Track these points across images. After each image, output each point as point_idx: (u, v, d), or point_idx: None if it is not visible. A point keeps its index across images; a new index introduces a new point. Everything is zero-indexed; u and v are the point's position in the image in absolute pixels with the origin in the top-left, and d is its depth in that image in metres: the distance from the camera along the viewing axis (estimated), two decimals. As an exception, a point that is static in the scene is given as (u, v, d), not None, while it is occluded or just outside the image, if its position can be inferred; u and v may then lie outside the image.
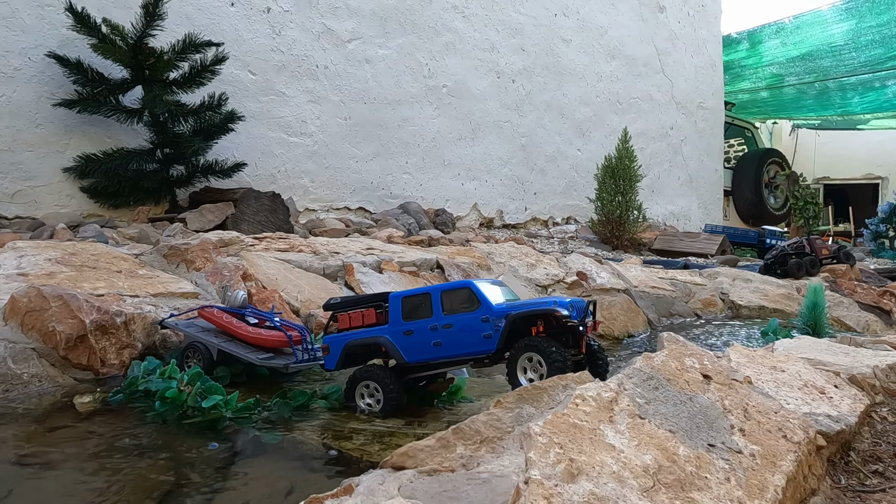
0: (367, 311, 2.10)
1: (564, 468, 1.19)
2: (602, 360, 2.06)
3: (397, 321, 2.03)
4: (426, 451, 1.20)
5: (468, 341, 1.93)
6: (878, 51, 11.46)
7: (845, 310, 5.77)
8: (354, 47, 6.81)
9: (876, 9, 10.67)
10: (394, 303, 2.05)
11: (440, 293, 1.99)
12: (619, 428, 1.36)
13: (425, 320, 1.98)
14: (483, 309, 1.93)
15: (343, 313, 2.15)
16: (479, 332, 1.92)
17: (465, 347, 1.94)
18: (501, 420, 1.34)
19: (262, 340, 2.38)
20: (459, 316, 1.94)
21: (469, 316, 1.93)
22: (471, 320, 1.93)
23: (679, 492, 1.24)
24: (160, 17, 4.79)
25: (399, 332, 2.01)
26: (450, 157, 7.84)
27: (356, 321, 2.11)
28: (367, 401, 2.07)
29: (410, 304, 2.02)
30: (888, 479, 1.77)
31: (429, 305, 1.99)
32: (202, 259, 3.28)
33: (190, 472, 1.68)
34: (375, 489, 1.08)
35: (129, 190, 5.07)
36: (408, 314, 2.02)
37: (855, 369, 2.60)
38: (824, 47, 12.00)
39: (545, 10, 9.04)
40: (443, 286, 2.02)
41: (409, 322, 2.01)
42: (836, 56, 12.09)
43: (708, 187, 12.65)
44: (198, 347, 2.37)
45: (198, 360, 2.37)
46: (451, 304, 1.96)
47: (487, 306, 1.92)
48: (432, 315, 1.98)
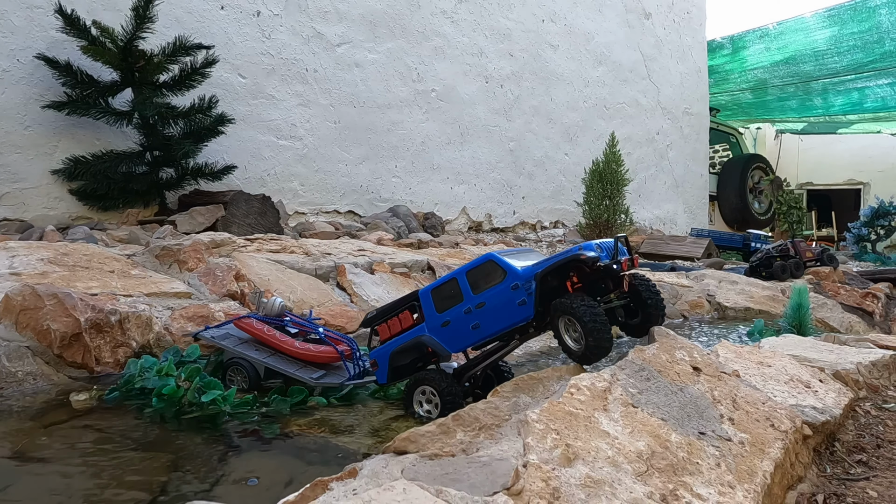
0: (403, 315, 2.03)
1: (561, 453, 1.23)
2: (653, 299, 1.91)
3: (432, 315, 1.95)
4: (427, 436, 1.23)
5: (504, 314, 1.83)
6: (859, 55, 11.68)
7: (829, 311, 5.86)
8: (344, 51, 6.84)
9: (857, 17, 10.88)
10: (424, 298, 1.97)
11: (465, 274, 1.89)
12: (612, 416, 1.40)
13: (458, 306, 1.89)
14: (510, 277, 1.81)
15: (381, 324, 2.08)
16: (513, 301, 1.80)
17: (503, 321, 1.84)
18: (499, 408, 1.37)
19: (312, 356, 2.22)
20: (489, 291, 1.84)
21: (498, 288, 1.83)
22: (501, 292, 1.82)
23: (672, 476, 1.28)
24: (150, 20, 4.79)
25: (436, 325, 1.93)
26: (439, 161, 7.88)
27: (395, 328, 2.04)
28: (425, 407, 1.98)
29: (440, 294, 1.94)
30: (871, 468, 1.82)
31: (458, 290, 1.89)
32: (194, 260, 3.29)
33: (188, 467, 1.70)
34: (379, 472, 1.11)
35: (118, 192, 5.06)
36: (440, 305, 1.93)
37: (839, 365, 2.66)
38: (807, 52, 12.22)
39: (533, 15, 9.12)
40: (466, 266, 1.91)
41: (443, 313, 1.92)
42: (819, 60, 12.31)
43: (694, 192, 12.79)
44: (242, 365, 2.21)
45: (243, 377, 2.22)
46: (478, 282, 1.87)
47: (514, 273, 1.81)
48: (463, 298, 1.88)
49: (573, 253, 1.72)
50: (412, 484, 1.03)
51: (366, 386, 2.28)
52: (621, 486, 1.20)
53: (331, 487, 1.07)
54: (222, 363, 2.31)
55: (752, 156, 15.96)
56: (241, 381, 2.23)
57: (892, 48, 11.11)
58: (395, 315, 2.04)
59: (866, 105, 13.77)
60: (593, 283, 1.81)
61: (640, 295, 1.91)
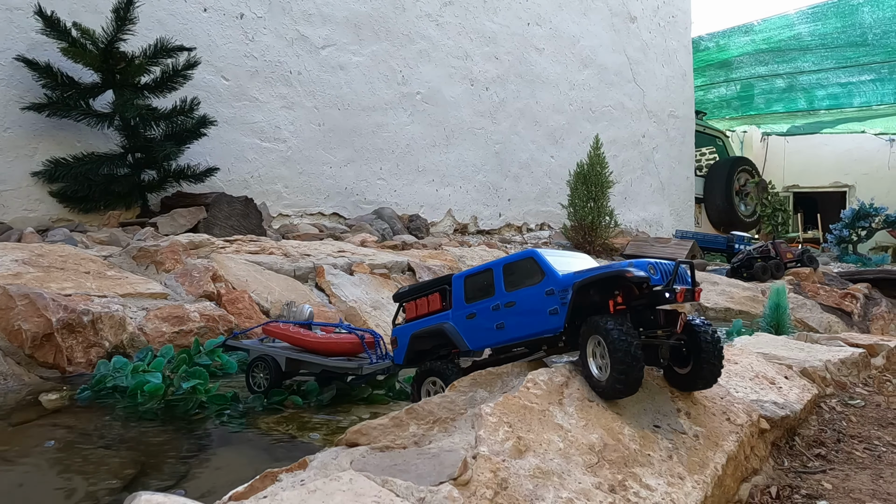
0: (433, 297, 1.90)
1: (513, 445, 1.25)
2: (712, 349, 1.57)
3: (460, 304, 1.80)
4: (379, 429, 1.25)
5: (532, 320, 1.63)
6: (843, 48, 11.85)
7: (808, 311, 5.93)
8: (328, 54, 6.86)
9: (840, 12, 11.06)
10: (456, 284, 1.83)
11: (502, 267, 1.73)
12: (567, 410, 1.42)
13: (487, 300, 1.73)
14: (548, 280, 1.61)
15: (410, 302, 1.97)
16: (544, 307, 1.60)
17: (530, 327, 1.64)
18: (455, 402, 1.39)
19: (333, 345, 2.25)
20: (522, 291, 1.66)
21: (532, 290, 1.64)
22: (534, 295, 1.63)
23: (622, 467, 1.31)
24: (131, 22, 4.79)
25: (462, 316, 1.79)
26: (424, 164, 7.91)
27: (422, 309, 1.92)
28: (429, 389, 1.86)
29: (473, 283, 1.79)
30: (829, 461, 1.86)
31: (491, 283, 1.74)
32: (172, 261, 3.29)
33: (156, 461, 1.71)
34: (328, 463, 1.13)
35: (99, 194, 5.04)
36: (470, 295, 1.78)
37: (807, 363, 2.71)
38: (792, 44, 12.39)
39: (518, 19, 9.17)
40: (506, 259, 1.74)
41: (471, 304, 1.77)
42: (803, 52, 12.47)
43: (679, 194, 12.87)
44: (265, 360, 2.24)
45: (265, 373, 2.23)
46: (514, 279, 1.69)
47: (552, 276, 1.61)
48: (495, 293, 1.72)
49: (619, 268, 1.49)
50: (359, 474, 1.05)
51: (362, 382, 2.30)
52: (570, 477, 1.23)
53: (280, 479, 1.09)
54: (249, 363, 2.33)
55: (737, 158, 16.08)
56: (262, 377, 2.23)
57: (874, 42, 11.25)
58: (425, 295, 1.92)
59: (851, 100, 13.94)
60: (641, 311, 1.55)
61: (696, 339, 1.58)
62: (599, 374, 1.47)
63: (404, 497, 1.00)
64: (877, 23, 10.87)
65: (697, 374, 1.60)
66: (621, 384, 1.41)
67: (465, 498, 1.07)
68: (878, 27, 10.90)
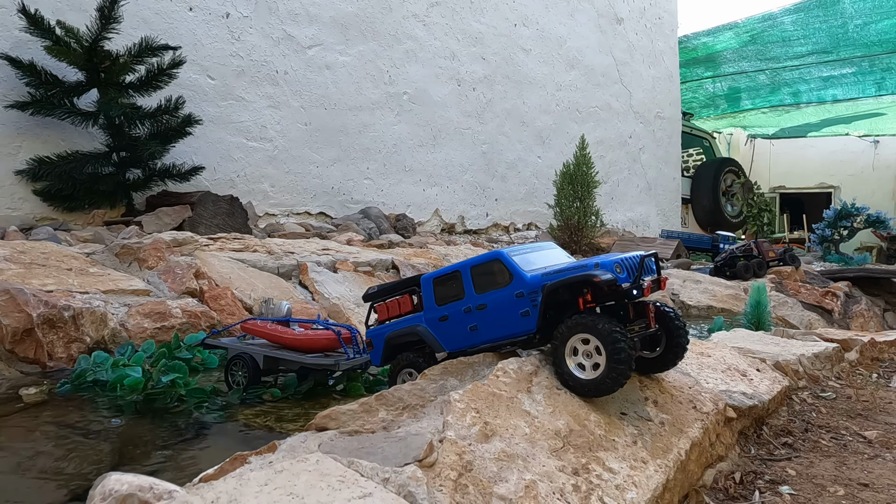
0: (403, 299, 1.89)
1: (479, 430, 1.28)
2: (680, 331, 1.65)
3: (431, 306, 1.79)
4: (348, 414, 1.28)
5: (504, 322, 1.64)
6: (824, 39, 12.00)
7: (789, 309, 6.01)
8: (315, 53, 6.88)
9: (822, 2, 11.21)
10: (425, 286, 1.81)
11: (469, 269, 1.71)
12: (535, 397, 1.46)
13: (458, 302, 1.72)
14: (516, 282, 1.62)
15: (381, 303, 1.95)
16: (515, 310, 1.61)
17: (502, 330, 1.65)
18: (425, 390, 1.42)
19: (310, 341, 2.24)
20: (492, 294, 1.66)
21: (501, 293, 1.64)
22: (504, 297, 1.63)
23: (587, 451, 1.35)
24: (116, 21, 4.79)
25: (434, 318, 1.77)
26: (411, 164, 7.94)
27: (393, 311, 1.91)
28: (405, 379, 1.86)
29: (442, 285, 1.77)
30: (796, 450, 1.90)
31: (460, 285, 1.72)
32: (155, 258, 3.30)
33: (134, 452, 1.73)
34: (297, 446, 1.16)
35: (83, 193, 5.03)
36: (441, 297, 1.77)
37: (781, 357, 2.76)
38: (774, 35, 12.54)
39: (505, 20, 9.22)
40: (473, 260, 1.73)
41: (443, 306, 1.75)
42: (786, 43, 12.62)
43: (666, 194, 12.97)
44: (243, 357, 2.24)
45: (244, 371, 2.23)
46: (482, 281, 1.68)
47: (520, 279, 1.61)
48: (465, 296, 1.71)
49: (585, 272, 1.51)
50: (326, 456, 1.08)
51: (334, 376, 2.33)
52: (535, 461, 1.26)
53: (249, 461, 1.12)
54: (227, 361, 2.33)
55: (724, 159, 16.23)
56: (241, 375, 2.24)
57: (854, 35, 11.38)
58: (395, 297, 1.92)
59: (834, 92, 14.10)
60: (610, 306, 1.59)
61: (666, 324, 1.65)
62: (582, 373, 1.48)
63: (369, 477, 1.04)
64: (857, 13, 11.01)
65: (667, 357, 1.67)
66: (615, 379, 1.43)
67: (430, 478, 1.10)
68: (859, 17, 11.03)
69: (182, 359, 2.40)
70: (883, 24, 11.12)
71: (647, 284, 1.55)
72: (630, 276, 1.54)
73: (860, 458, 1.86)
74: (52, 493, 1.46)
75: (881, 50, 11.81)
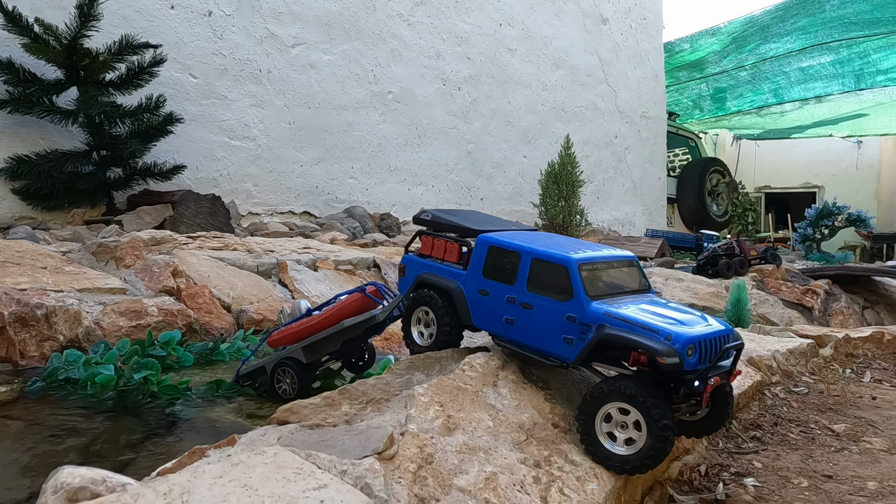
0: (451, 245, 1.69)
1: (442, 423, 1.29)
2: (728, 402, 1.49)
3: (476, 273, 1.59)
4: (310, 408, 1.28)
5: (543, 336, 1.46)
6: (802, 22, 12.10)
7: (770, 307, 6.06)
8: (298, 52, 6.86)
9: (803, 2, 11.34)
10: (479, 248, 1.60)
11: (532, 259, 1.49)
12: (501, 391, 1.47)
13: (505, 286, 1.53)
14: (574, 304, 1.40)
15: (427, 236, 1.77)
16: (561, 330, 1.42)
17: (538, 341, 1.48)
18: (390, 384, 1.43)
19: (340, 311, 2.06)
20: (542, 300, 1.46)
21: (554, 304, 1.44)
22: (554, 311, 1.43)
23: (550, 444, 1.35)
24: (95, 18, 4.75)
25: (475, 287, 1.59)
26: (396, 163, 7.93)
27: (437, 251, 1.72)
28: (420, 329, 1.73)
29: (496, 258, 1.56)
30: (764, 443, 1.92)
31: (514, 270, 1.52)
32: (132, 256, 3.29)
33: (103, 449, 1.73)
34: (256, 440, 1.16)
35: (63, 192, 4.99)
36: (490, 270, 1.57)
37: (755, 352, 2.79)
38: (753, 30, 12.64)
39: (490, 19, 9.24)
40: (539, 251, 1.49)
41: (488, 280, 1.57)
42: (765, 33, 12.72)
43: (652, 194, 13.04)
44: (283, 364, 2.10)
45: (290, 378, 2.09)
46: (539, 280, 1.47)
47: (581, 304, 1.40)
48: (515, 282, 1.51)
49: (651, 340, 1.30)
50: (284, 449, 1.08)
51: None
52: (497, 453, 1.27)
53: (208, 454, 1.12)
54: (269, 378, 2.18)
55: (709, 159, 16.34)
56: (289, 384, 2.11)
57: (831, 13, 11.44)
58: (446, 239, 1.72)
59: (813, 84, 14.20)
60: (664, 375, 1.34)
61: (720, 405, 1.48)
62: (616, 447, 1.32)
63: (326, 469, 1.04)
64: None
65: (710, 423, 1.50)
66: (652, 461, 1.29)
67: (388, 470, 1.10)
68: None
69: (156, 356, 2.39)
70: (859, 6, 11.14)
71: (714, 382, 1.36)
72: (702, 361, 1.32)
73: (827, 450, 1.89)
74: (13, 491, 1.45)
75: (859, 31, 11.83)
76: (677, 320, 1.36)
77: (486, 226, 1.75)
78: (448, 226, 1.75)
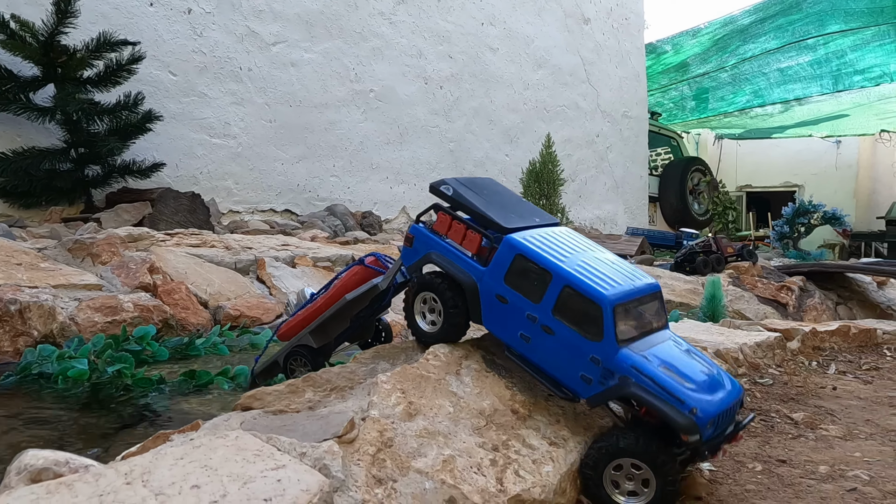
0: (473, 235, 1.52)
1: (403, 409, 1.33)
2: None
3: (497, 275, 1.45)
4: (274, 394, 1.31)
5: (560, 366, 1.39)
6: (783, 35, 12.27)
7: (746, 303, 6.17)
8: (279, 50, 6.86)
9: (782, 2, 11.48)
10: (505, 251, 1.45)
11: (563, 286, 1.36)
12: (463, 380, 1.51)
13: (527, 301, 1.41)
14: (602, 346, 1.32)
15: (445, 214, 1.57)
16: (580, 367, 1.35)
17: (552, 368, 1.40)
18: (355, 372, 1.46)
19: (341, 287, 1.95)
20: (567, 330, 1.36)
21: (578, 339, 1.34)
22: (576, 346, 1.35)
23: (509, 430, 1.40)
24: (72, 15, 4.74)
25: (492, 289, 1.46)
26: (378, 161, 7.96)
27: (454, 235, 1.55)
28: (428, 317, 1.60)
29: (523, 267, 1.42)
30: (724, 430, 1.98)
31: (542, 288, 1.38)
32: (108, 253, 3.29)
33: (73, 441, 1.75)
34: (219, 425, 1.19)
35: (41, 190, 4.97)
36: (513, 278, 1.43)
37: (723, 345, 2.86)
38: (733, 32, 12.79)
39: (472, 18, 9.29)
40: (573, 279, 1.35)
41: (509, 287, 1.44)
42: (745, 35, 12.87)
43: (633, 193, 13.16)
44: (295, 353, 2.00)
45: (303, 364, 1.99)
46: (568, 308, 1.35)
47: (610, 350, 1.31)
48: (540, 301, 1.39)
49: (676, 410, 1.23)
50: (246, 433, 1.11)
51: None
52: (456, 438, 1.31)
53: (172, 439, 1.15)
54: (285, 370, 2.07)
55: (691, 159, 16.51)
56: (303, 372, 1.94)
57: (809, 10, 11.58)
58: (467, 225, 1.54)
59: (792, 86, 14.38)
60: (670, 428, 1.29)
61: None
62: (616, 491, 1.29)
63: (286, 451, 1.07)
64: None
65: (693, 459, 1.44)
66: None
67: (348, 453, 1.14)
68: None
69: (131, 351, 2.41)
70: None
71: (723, 450, 1.36)
72: (716, 433, 1.28)
73: (784, 437, 1.95)
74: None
75: (835, 24, 11.99)
76: (700, 383, 1.30)
77: (512, 215, 1.57)
78: (470, 210, 1.56)
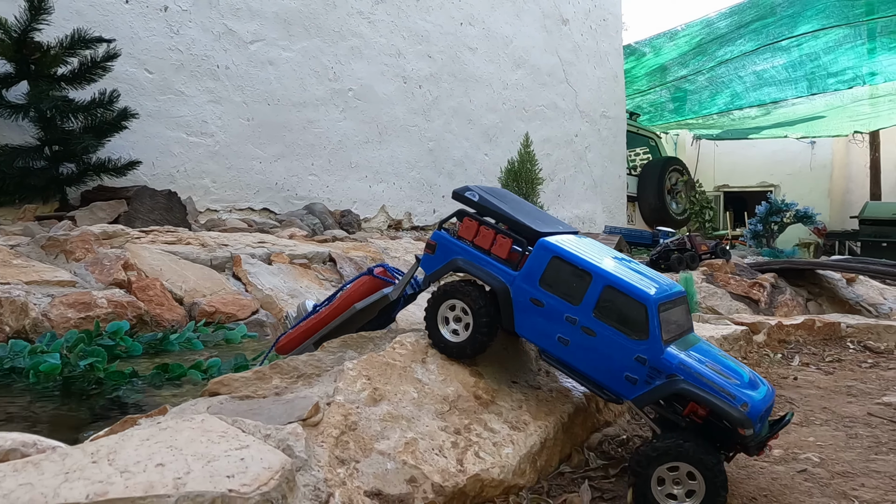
0: (503, 240, 1.51)
1: (368, 395, 1.37)
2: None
3: (532, 278, 1.43)
4: (241, 381, 1.35)
5: (602, 367, 1.35)
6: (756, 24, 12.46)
7: (719, 300, 6.28)
8: (257, 49, 6.86)
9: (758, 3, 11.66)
10: (539, 255, 1.43)
11: (605, 286, 1.34)
12: (429, 367, 1.55)
13: (566, 303, 1.38)
14: (649, 345, 1.30)
15: (472, 220, 1.57)
16: (625, 367, 1.32)
17: (594, 371, 1.37)
18: (322, 360, 1.50)
19: (348, 298, 1.90)
20: (609, 331, 1.34)
21: (622, 339, 1.32)
22: (620, 347, 1.32)
23: (471, 414, 1.44)
24: (46, 12, 4.71)
25: (526, 294, 1.43)
26: (357, 160, 7.97)
27: (482, 241, 1.53)
28: (452, 326, 1.55)
29: (559, 269, 1.40)
30: (685, 417, 2.04)
31: (582, 289, 1.37)
32: (82, 250, 3.29)
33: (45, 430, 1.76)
34: (187, 409, 1.22)
35: (14, 188, 4.92)
36: (549, 281, 1.41)
37: (690, 338, 2.93)
38: (712, 39, 12.97)
39: (451, 18, 9.33)
40: (615, 278, 1.34)
41: (544, 290, 1.41)
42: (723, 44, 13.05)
43: (612, 192, 13.29)
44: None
45: None
46: (610, 309, 1.34)
47: (656, 349, 1.29)
48: (579, 303, 1.37)
49: (729, 405, 1.22)
50: (212, 417, 1.14)
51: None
52: (419, 422, 1.35)
53: (139, 423, 1.18)
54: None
55: (669, 159, 16.71)
56: None
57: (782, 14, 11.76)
58: (497, 231, 1.53)
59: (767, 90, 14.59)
60: (720, 429, 1.29)
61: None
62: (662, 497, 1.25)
63: (250, 433, 1.11)
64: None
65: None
66: None
67: (312, 435, 1.18)
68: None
69: (104, 346, 2.42)
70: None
71: (769, 447, 1.36)
72: (761, 430, 1.27)
73: (742, 423, 2.02)
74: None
75: (806, 23, 12.18)
76: (744, 380, 1.30)
77: (538, 221, 1.57)
78: (499, 215, 1.55)
